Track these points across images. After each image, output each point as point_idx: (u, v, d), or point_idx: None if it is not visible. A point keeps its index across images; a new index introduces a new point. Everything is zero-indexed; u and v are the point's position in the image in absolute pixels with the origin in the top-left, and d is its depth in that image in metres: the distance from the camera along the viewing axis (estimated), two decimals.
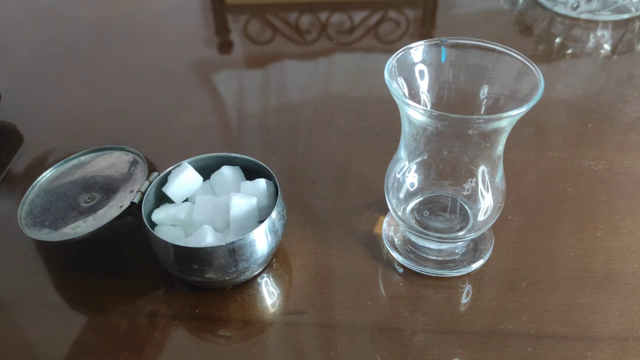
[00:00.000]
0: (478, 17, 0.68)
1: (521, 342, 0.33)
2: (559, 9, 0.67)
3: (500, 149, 0.33)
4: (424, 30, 0.68)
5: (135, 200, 0.37)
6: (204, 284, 0.36)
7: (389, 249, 0.39)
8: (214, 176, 0.39)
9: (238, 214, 0.35)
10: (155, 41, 0.67)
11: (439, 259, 0.38)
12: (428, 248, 0.38)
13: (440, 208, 0.38)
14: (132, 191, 0.39)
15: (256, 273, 0.38)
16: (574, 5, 0.66)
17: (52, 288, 0.38)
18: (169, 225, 0.37)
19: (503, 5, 0.71)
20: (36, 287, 0.38)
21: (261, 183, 0.37)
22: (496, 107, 0.34)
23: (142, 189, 0.38)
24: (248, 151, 0.49)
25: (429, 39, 0.34)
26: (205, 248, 0.33)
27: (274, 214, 0.35)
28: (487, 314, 0.35)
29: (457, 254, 0.38)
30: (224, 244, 0.33)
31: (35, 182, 0.40)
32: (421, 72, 0.35)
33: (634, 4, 0.65)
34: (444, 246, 0.38)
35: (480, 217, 0.36)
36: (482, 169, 0.34)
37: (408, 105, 0.30)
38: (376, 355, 0.33)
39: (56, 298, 0.37)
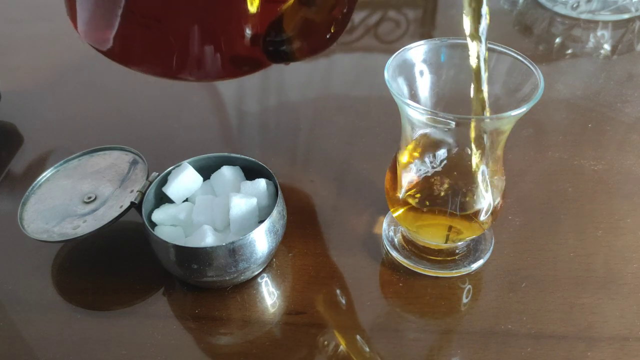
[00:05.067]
0: None
1: (521, 342, 0.33)
2: (559, 9, 0.67)
3: (500, 149, 0.33)
4: (424, 30, 0.68)
5: (136, 200, 0.37)
6: (204, 284, 0.36)
7: (389, 249, 0.39)
8: (214, 176, 0.39)
9: (238, 214, 0.35)
10: None
11: (439, 258, 0.38)
12: (428, 248, 0.38)
13: None
14: (132, 191, 0.39)
15: (256, 273, 0.38)
16: (574, 5, 0.66)
17: (52, 288, 0.38)
18: (169, 225, 0.37)
19: (503, 5, 0.71)
20: (36, 287, 0.38)
21: (261, 183, 0.37)
22: (496, 107, 0.34)
23: (142, 189, 0.38)
24: (248, 151, 0.49)
25: (429, 39, 0.34)
26: (205, 248, 0.33)
27: (274, 214, 0.35)
28: (487, 314, 0.35)
29: (457, 254, 0.38)
30: (224, 244, 0.33)
31: (35, 182, 0.40)
32: (421, 72, 0.35)
33: (634, 4, 0.65)
34: (444, 246, 0.38)
35: (481, 217, 0.35)
36: (482, 169, 0.34)
37: (408, 105, 0.30)
38: (376, 356, 0.33)
39: (56, 298, 0.37)
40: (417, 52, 0.34)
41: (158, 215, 0.37)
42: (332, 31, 0.36)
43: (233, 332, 0.35)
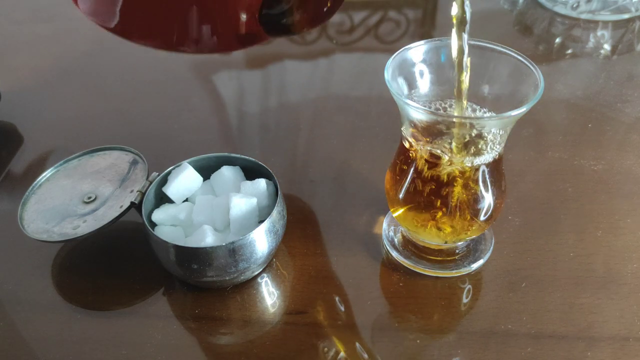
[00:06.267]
0: (478, 17, 0.68)
1: (521, 342, 0.33)
2: (559, 9, 0.67)
3: (500, 148, 0.33)
4: (424, 30, 0.68)
5: (135, 201, 0.37)
6: (204, 284, 0.36)
7: (389, 249, 0.39)
8: (214, 176, 0.39)
9: (238, 214, 0.35)
10: None
11: (439, 258, 0.38)
12: (428, 248, 0.38)
13: None
14: (132, 191, 0.39)
15: (256, 273, 0.38)
16: (574, 5, 0.66)
17: (52, 288, 0.38)
18: (169, 225, 0.37)
19: (503, 5, 0.71)
20: (36, 287, 0.38)
21: (261, 183, 0.37)
22: (496, 107, 0.34)
23: (142, 189, 0.38)
24: (248, 151, 0.49)
25: (429, 39, 0.34)
26: (205, 248, 0.33)
27: (274, 214, 0.35)
28: (487, 314, 0.35)
29: (457, 254, 0.38)
30: (224, 244, 0.33)
31: (35, 182, 0.40)
32: (421, 72, 0.35)
33: (634, 4, 0.65)
34: (444, 246, 0.38)
35: (481, 217, 0.35)
36: (482, 169, 0.34)
37: (408, 105, 0.30)
38: (376, 355, 0.33)
39: (56, 298, 0.37)
40: (417, 52, 0.34)
41: (158, 215, 0.37)
42: (331, 2, 0.36)
43: (233, 332, 0.35)
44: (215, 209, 0.36)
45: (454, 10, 0.30)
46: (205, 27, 0.35)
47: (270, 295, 0.37)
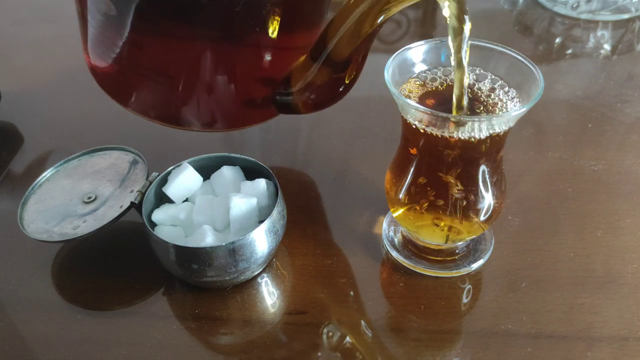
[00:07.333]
0: (478, 17, 0.68)
1: (521, 342, 0.33)
2: (559, 9, 0.67)
3: (500, 148, 0.33)
4: (424, 30, 0.68)
5: (135, 201, 0.37)
6: (204, 284, 0.36)
7: (389, 249, 0.39)
8: (214, 176, 0.39)
9: (238, 214, 0.35)
10: None
11: (439, 258, 0.38)
12: (428, 248, 0.38)
13: None
14: (132, 191, 0.39)
15: (256, 273, 0.38)
16: (574, 5, 0.66)
17: (52, 288, 0.38)
18: (169, 225, 0.37)
19: (503, 5, 0.71)
20: (36, 287, 0.38)
21: (261, 183, 0.37)
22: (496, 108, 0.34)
23: (142, 189, 0.38)
24: (248, 151, 0.49)
25: (429, 39, 0.34)
26: (205, 248, 0.33)
27: (274, 214, 0.35)
28: (487, 314, 0.35)
29: (457, 254, 0.38)
30: (224, 244, 0.33)
31: (35, 182, 0.40)
32: (421, 72, 0.35)
33: (634, 4, 0.65)
34: (444, 246, 0.38)
35: (481, 217, 0.36)
36: (482, 168, 0.34)
37: (408, 105, 0.30)
38: (377, 355, 0.33)
39: (56, 298, 0.37)
40: (417, 52, 0.34)
41: (158, 215, 0.37)
42: (337, 91, 0.37)
43: (233, 332, 0.35)
44: (215, 209, 0.36)
45: (446, 11, 0.30)
46: (224, 111, 0.38)
47: (270, 295, 0.37)
